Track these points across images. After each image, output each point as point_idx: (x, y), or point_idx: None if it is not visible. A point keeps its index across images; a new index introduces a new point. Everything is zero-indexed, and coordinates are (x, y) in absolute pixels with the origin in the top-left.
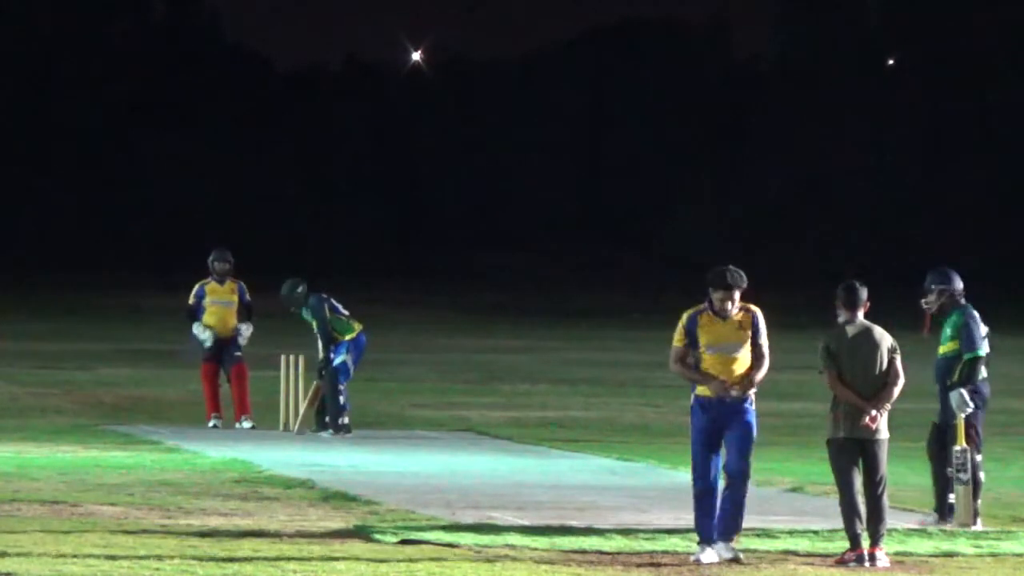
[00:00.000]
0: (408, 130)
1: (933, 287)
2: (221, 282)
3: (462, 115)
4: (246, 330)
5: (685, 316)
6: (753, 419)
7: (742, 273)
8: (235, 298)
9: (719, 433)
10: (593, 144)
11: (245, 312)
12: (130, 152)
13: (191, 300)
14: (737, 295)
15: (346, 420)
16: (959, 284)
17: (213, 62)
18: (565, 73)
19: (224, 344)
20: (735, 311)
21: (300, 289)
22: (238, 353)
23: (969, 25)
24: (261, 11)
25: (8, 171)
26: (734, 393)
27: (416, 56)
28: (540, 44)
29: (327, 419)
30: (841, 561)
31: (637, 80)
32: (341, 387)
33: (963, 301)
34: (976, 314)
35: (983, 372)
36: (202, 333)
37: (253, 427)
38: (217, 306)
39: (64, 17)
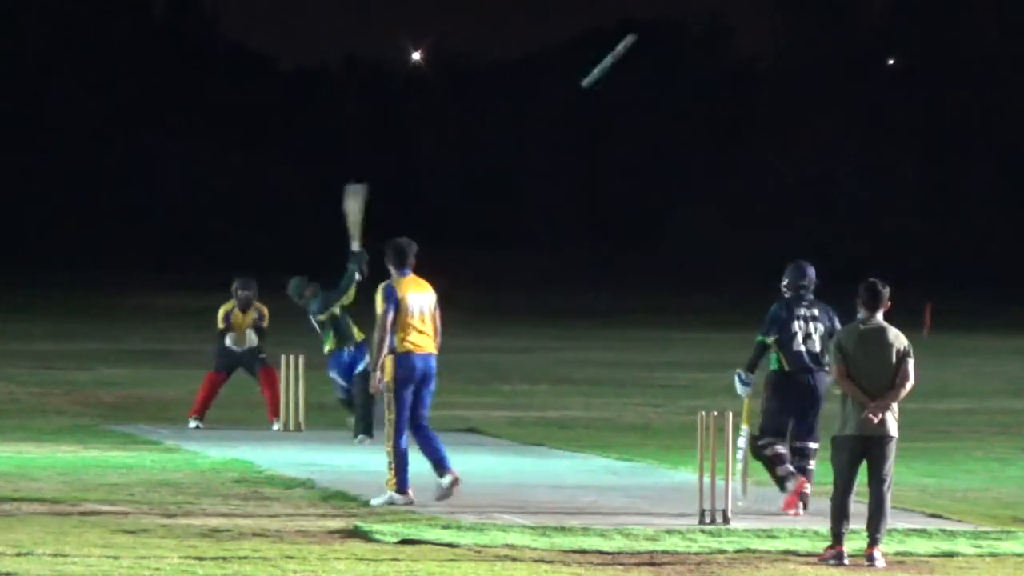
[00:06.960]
0: (408, 130)
1: (785, 279)
2: (244, 309)
3: (462, 115)
4: (252, 335)
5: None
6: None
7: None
8: (252, 326)
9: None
10: (593, 144)
11: (257, 333)
12: (130, 152)
13: (220, 324)
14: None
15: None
16: (803, 278)
17: (213, 62)
18: (565, 73)
19: (244, 355)
20: None
21: (307, 292)
22: (263, 355)
23: (969, 25)
24: (261, 11)
25: (8, 171)
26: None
27: (416, 56)
28: (540, 44)
29: (356, 421)
30: (823, 559)
31: (637, 80)
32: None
33: (803, 294)
34: (800, 310)
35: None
36: (233, 343)
37: (280, 429)
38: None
39: (64, 17)
